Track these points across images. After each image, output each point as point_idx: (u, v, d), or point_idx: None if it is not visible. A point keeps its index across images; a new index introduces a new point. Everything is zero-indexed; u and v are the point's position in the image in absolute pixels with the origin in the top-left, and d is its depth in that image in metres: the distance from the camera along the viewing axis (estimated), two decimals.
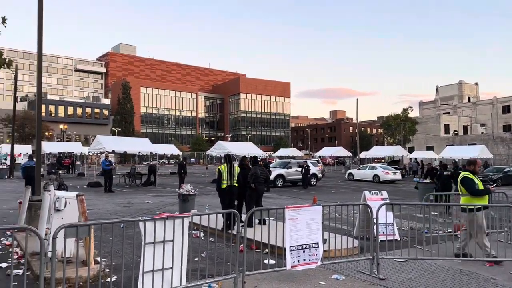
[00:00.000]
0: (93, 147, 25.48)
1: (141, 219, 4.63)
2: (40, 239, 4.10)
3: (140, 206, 15.16)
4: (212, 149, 31.50)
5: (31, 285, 5.57)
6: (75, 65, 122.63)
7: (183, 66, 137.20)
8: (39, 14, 9.59)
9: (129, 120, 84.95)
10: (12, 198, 16.58)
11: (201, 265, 6.19)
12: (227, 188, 9.88)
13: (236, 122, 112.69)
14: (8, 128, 60.69)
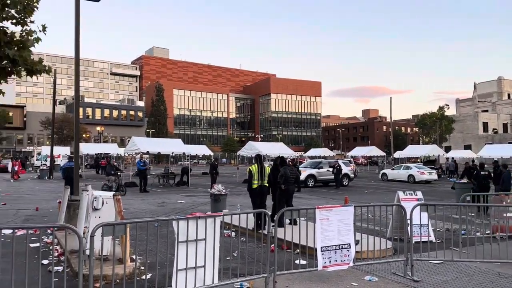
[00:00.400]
0: (129, 148, 26.20)
1: (174, 218, 4.75)
2: (78, 237, 4.29)
3: (173, 205, 15.47)
4: (243, 150, 31.70)
5: (70, 281, 5.81)
6: (110, 69, 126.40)
7: (214, 68, 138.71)
8: (76, 20, 9.98)
9: (162, 121, 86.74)
10: (52, 198, 17.31)
11: (232, 264, 6.28)
12: (258, 188, 9.94)
13: (266, 122, 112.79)
14: (48, 131, 63.36)
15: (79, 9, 9.97)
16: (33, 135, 79.79)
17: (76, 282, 5.38)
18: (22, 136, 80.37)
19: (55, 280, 4.73)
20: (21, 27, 6.50)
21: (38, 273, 5.28)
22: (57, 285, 4.87)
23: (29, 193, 19.60)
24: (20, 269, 5.28)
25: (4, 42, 6.24)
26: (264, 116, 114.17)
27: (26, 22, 6.48)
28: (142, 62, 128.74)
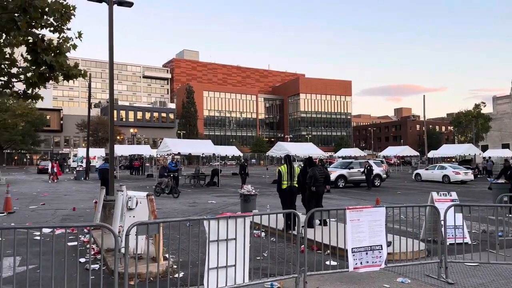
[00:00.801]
0: (161, 150, 26.77)
1: (205, 218, 4.84)
2: (114, 236, 4.45)
3: (204, 205, 15.69)
4: (272, 150, 31.73)
5: (106, 279, 6.01)
6: (143, 72, 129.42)
7: (243, 69, 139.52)
8: (110, 27, 10.31)
9: (193, 123, 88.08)
10: (88, 198, 17.91)
11: (263, 264, 6.32)
12: (288, 189, 9.95)
13: (296, 122, 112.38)
14: (83, 133, 65.60)
15: (112, 15, 10.30)
16: (70, 137, 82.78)
17: (111, 280, 5.58)
18: (59, 139, 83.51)
19: (92, 278, 4.92)
20: (58, 34, 6.77)
21: (76, 271, 5.50)
22: (94, 282, 5.06)
23: (66, 194, 20.35)
24: (59, 266, 5.51)
25: (41, 49, 6.52)
26: (293, 116, 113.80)
27: (63, 29, 6.75)
28: (173, 65, 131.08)
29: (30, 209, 14.46)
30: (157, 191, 19.14)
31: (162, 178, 19.65)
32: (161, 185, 19.33)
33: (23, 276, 5.53)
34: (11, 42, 6.67)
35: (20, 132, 62.90)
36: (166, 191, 19.12)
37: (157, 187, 19.46)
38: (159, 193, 19.07)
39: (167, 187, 19.21)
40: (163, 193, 19.15)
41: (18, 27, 5.64)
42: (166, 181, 19.32)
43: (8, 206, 13.40)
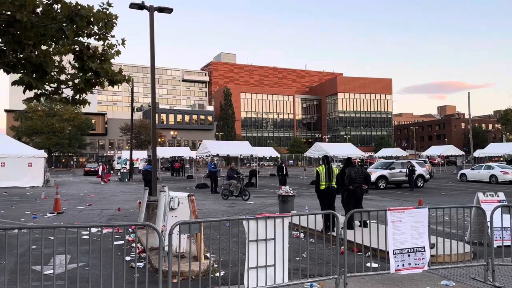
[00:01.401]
0: (200, 151, 27.29)
1: (244, 218, 4.92)
2: (158, 235, 4.61)
3: (243, 206, 15.85)
4: (310, 151, 31.54)
5: (150, 277, 6.23)
6: (182, 76, 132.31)
7: (279, 70, 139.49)
8: (151, 34, 10.66)
9: (230, 125, 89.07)
10: (132, 199, 18.55)
11: (302, 265, 6.32)
12: (326, 189, 9.88)
13: (334, 122, 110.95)
14: (127, 136, 67.92)
15: (153, 22, 10.65)
16: (114, 140, 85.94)
17: (156, 278, 5.77)
18: (104, 142, 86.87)
19: (137, 276, 5.13)
20: (102, 41, 7.10)
21: (122, 269, 5.75)
22: (139, 280, 5.26)
23: (112, 195, 21.15)
24: (106, 264, 5.77)
25: (87, 56, 6.86)
26: (331, 116, 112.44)
27: (107, 37, 7.07)
28: (211, 68, 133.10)
29: (78, 209, 15.16)
30: (224, 194, 18.52)
31: (231, 180, 18.84)
32: (230, 187, 18.53)
33: (73, 273, 5.84)
34: (59, 51, 7.07)
35: (67, 136, 66.00)
36: (235, 193, 18.25)
37: (225, 190, 18.64)
38: (227, 195, 18.40)
39: (236, 189, 18.35)
40: (232, 195, 18.32)
41: (66, 36, 5.96)
42: (235, 183, 18.50)
43: (57, 207, 14.12)
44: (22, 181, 26.05)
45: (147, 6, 10.85)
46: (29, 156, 27.15)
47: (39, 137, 63.67)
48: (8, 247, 4.77)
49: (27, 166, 26.72)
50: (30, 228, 4.70)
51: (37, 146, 47.46)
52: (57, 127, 64.30)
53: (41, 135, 63.57)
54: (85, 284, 5.30)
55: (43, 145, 59.15)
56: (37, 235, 8.09)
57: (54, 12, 5.89)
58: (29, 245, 4.63)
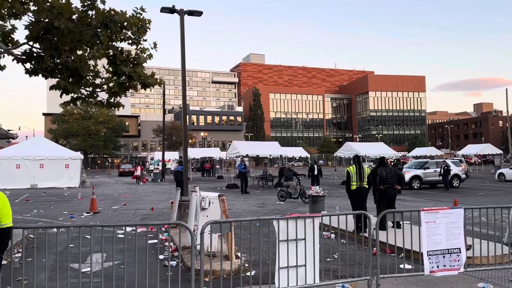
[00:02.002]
0: (230, 152, 27.51)
1: (275, 218, 4.94)
2: (190, 234, 4.71)
3: (273, 206, 15.86)
4: (340, 151, 31.17)
5: (183, 275, 6.35)
6: (212, 78, 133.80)
7: (308, 69, 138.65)
8: (181, 36, 10.85)
9: (259, 125, 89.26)
10: (164, 199, 18.92)
11: (333, 266, 6.28)
12: (357, 190, 9.77)
13: (365, 121, 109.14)
14: (159, 138, 69.37)
15: (183, 25, 10.84)
16: (147, 141, 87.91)
17: (188, 276, 5.88)
18: (137, 143, 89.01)
19: (170, 274, 5.24)
20: (135, 46, 7.29)
21: (155, 267, 5.89)
22: (172, 278, 5.36)
23: (145, 195, 21.65)
24: (140, 262, 5.93)
25: (121, 61, 7.07)
26: (362, 115, 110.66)
27: (139, 41, 7.26)
28: (240, 69, 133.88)
29: (113, 209, 15.61)
30: (281, 196, 17.44)
31: (289, 181, 17.75)
32: (288, 189, 17.32)
33: (109, 271, 6.03)
34: (94, 55, 7.32)
35: (102, 138, 68.05)
36: (294, 195, 17.04)
37: (282, 191, 17.53)
38: (284, 197, 17.33)
39: (294, 191, 17.16)
40: (290, 197, 17.15)
41: (101, 41, 6.17)
42: (294, 185, 17.31)
43: (93, 207, 14.59)
44: (59, 182, 27.07)
45: (178, 10, 11.05)
46: (66, 158, 28.18)
47: (75, 139, 65.93)
48: (48, 245, 4.98)
49: (64, 167, 27.73)
50: (68, 227, 4.89)
51: (74, 148, 49.23)
52: (93, 129, 66.43)
53: (77, 137, 65.82)
54: (120, 281, 5.46)
55: (79, 147, 61.28)
56: (74, 234, 8.39)
57: (89, 18, 6.11)
58: (67, 244, 4.82)
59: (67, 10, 5.75)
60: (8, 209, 4.43)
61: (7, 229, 4.36)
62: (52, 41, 6.04)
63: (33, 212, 14.68)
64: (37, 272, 5.12)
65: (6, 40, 6.72)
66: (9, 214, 4.43)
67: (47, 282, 5.16)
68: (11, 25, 6.80)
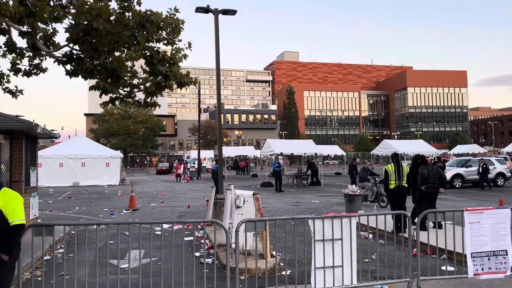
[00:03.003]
0: (264, 150, 27.51)
1: (310, 217, 4.86)
2: (225, 232, 4.71)
3: (308, 205, 15.71)
4: (378, 148, 30.49)
5: (218, 272, 6.38)
6: (246, 76, 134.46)
7: (344, 66, 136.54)
8: (216, 36, 10.92)
9: (294, 123, 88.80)
10: (200, 197, 19.17)
11: (371, 267, 6.12)
12: (395, 189, 9.49)
13: (403, 118, 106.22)
14: (195, 136, 70.46)
15: (218, 25, 10.89)
16: (183, 140, 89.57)
17: (223, 274, 5.90)
18: (174, 142, 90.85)
19: (206, 271, 5.27)
20: (170, 46, 7.38)
21: (191, 264, 5.93)
22: (208, 275, 5.40)
23: (181, 193, 22.02)
24: (177, 259, 6.00)
25: (157, 61, 7.17)
26: (400, 112, 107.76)
27: (174, 42, 7.33)
28: (274, 67, 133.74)
29: (151, 206, 15.97)
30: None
31: (364, 182, 16.00)
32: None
33: (147, 267, 6.15)
34: (131, 56, 7.46)
35: (140, 137, 69.94)
36: (370, 198, 15.36)
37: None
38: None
39: (371, 194, 15.48)
40: (366, 200, 15.15)
41: (138, 41, 6.28)
42: (369, 186, 15.66)
43: (132, 204, 14.98)
44: (100, 180, 28.04)
45: (212, 10, 11.12)
46: (107, 157, 29.15)
47: (115, 138, 68.11)
48: (88, 242, 5.13)
49: (105, 165, 28.69)
50: (108, 224, 5.01)
51: (114, 147, 50.83)
52: (132, 129, 68.41)
53: (117, 137, 67.97)
54: (157, 278, 5.55)
55: (119, 146, 63.26)
56: (114, 231, 8.63)
57: (126, 19, 6.23)
58: (107, 240, 4.94)
59: (105, 12, 5.89)
60: (16, 205, 4.05)
61: (16, 227, 3.99)
62: (91, 43, 6.20)
63: (75, 209, 15.25)
64: (77, 268, 5.28)
65: (48, 43, 6.97)
66: (17, 211, 4.04)
67: (87, 277, 5.32)
68: (53, 28, 7.05)
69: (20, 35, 6.32)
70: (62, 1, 7.21)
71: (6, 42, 7.15)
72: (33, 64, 7.99)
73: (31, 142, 9.78)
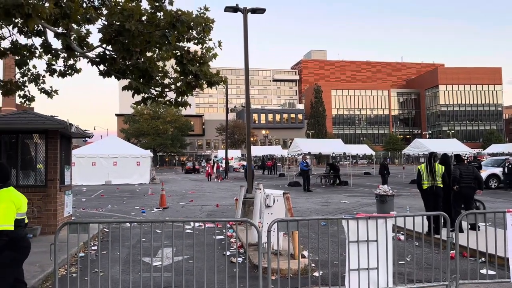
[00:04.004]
0: (292, 150, 27.35)
1: (344, 217, 4.74)
2: (257, 232, 4.66)
3: (337, 205, 15.48)
4: (409, 148, 29.75)
5: (249, 272, 6.33)
6: (272, 76, 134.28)
7: (373, 64, 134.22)
8: (244, 35, 10.89)
9: (321, 122, 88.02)
10: (228, 196, 19.24)
11: (407, 269, 5.93)
12: (429, 189, 9.19)
13: (434, 117, 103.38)
14: (222, 136, 70.91)
15: (247, 24, 10.86)
16: (210, 140, 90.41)
17: (254, 273, 5.85)
18: (201, 142, 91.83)
19: (237, 270, 5.23)
20: (200, 45, 7.39)
21: (221, 263, 5.93)
22: (239, 275, 5.36)
23: (210, 192, 22.17)
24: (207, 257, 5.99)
25: (187, 60, 7.19)
26: (431, 110, 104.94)
27: (204, 41, 7.34)
28: (301, 66, 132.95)
29: (180, 205, 16.14)
30: None
31: None
32: None
33: (178, 265, 6.18)
34: (162, 56, 7.53)
35: (169, 136, 71.03)
36: None
37: None
38: None
39: None
40: None
41: (169, 41, 6.31)
42: None
43: (163, 202, 15.18)
44: (131, 179, 28.62)
45: (241, 9, 11.10)
46: (137, 156, 29.75)
47: (145, 138, 69.45)
48: (121, 239, 5.19)
49: (135, 164, 29.28)
50: (141, 222, 5.06)
51: (144, 147, 51.79)
52: (161, 128, 69.60)
53: (147, 136, 69.27)
54: (189, 276, 5.56)
55: (149, 145, 64.39)
56: (145, 229, 8.74)
57: (157, 19, 6.28)
58: (140, 238, 4.98)
59: (137, 12, 5.95)
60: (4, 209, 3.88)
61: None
62: (124, 43, 6.28)
63: (107, 207, 15.59)
64: (111, 265, 5.35)
65: (82, 44, 7.12)
66: (5, 215, 3.86)
67: (121, 274, 5.38)
68: (86, 30, 7.19)
69: (55, 36, 6.47)
70: (94, 3, 7.36)
71: (42, 44, 7.35)
72: (67, 64, 8.19)
73: (66, 141, 10.04)
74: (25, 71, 8.44)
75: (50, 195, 9.05)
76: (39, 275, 6.00)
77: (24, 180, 9.23)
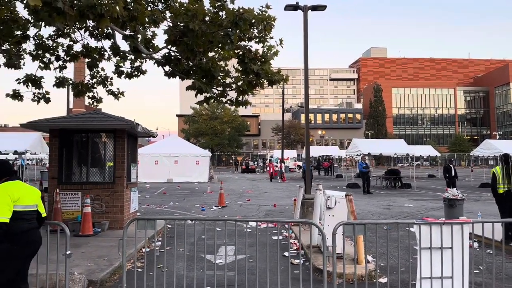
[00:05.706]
0: (350, 150, 26.67)
1: (416, 222, 4.46)
2: (322, 235, 4.51)
3: (400, 209, 14.82)
4: (478, 149, 27.84)
5: (310, 275, 6.19)
6: (329, 75, 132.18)
7: (437, 61, 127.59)
8: (304, 33, 10.73)
9: (381, 122, 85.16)
10: (284, 196, 19.14)
11: (480, 279, 5.50)
12: (505, 193, 8.50)
13: (505, 116, 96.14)
14: (278, 136, 70.97)
15: (307, 22, 10.69)
16: (266, 140, 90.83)
17: (315, 276, 5.70)
18: (257, 142, 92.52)
19: (299, 273, 5.11)
20: (262, 44, 7.35)
21: (282, 264, 5.83)
22: (299, 277, 5.23)
23: (266, 191, 22.20)
24: (266, 257, 5.93)
25: (249, 59, 7.18)
26: (502, 110, 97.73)
27: (266, 39, 7.29)
28: (360, 65, 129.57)
29: (238, 204, 16.29)
30: None
31: None
32: None
33: (239, 264, 6.17)
34: (224, 56, 7.59)
35: (227, 136, 72.35)
36: None
37: None
38: None
39: None
40: None
41: (231, 40, 6.33)
42: None
43: (222, 201, 15.40)
44: (191, 177, 29.49)
45: (301, 6, 10.95)
46: (197, 155, 30.63)
47: (203, 138, 71.25)
48: (183, 236, 5.26)
49: (195, 163, 30.15)
50: (205, 220, 5.10)
51: (203, 146, 53.13)
52: (219, 129, 71.09)
53: (205, 136, 71.06)
54: (250, 276, 5.52)
55: (207, 145, 65.96)
56: (206, 226, 8.88)
57: (220, 19, 6.32)
58: (205, 235, 5.02)
59: (201, 12, 6.03)
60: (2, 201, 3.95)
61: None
62: (188, 44, 6.39)
63: (170, 204, 16.10)
64: (174, 261, 5.44)
65: (148, 45, 7.36)
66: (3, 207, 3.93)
67: (185, 271, 5.46)
68: (152, 32, 7.44)
69: (123, 38, 6.73)
70: (159, 7, 7.57)
71: (111, 46, 7.70)
72: (134, 66, 8.53)
73: (132, 140, 10.47)
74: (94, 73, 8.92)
75: (117, 192, 9.46)
76: (107, 269, 6.24)
77: (93, 177, 9.73)
